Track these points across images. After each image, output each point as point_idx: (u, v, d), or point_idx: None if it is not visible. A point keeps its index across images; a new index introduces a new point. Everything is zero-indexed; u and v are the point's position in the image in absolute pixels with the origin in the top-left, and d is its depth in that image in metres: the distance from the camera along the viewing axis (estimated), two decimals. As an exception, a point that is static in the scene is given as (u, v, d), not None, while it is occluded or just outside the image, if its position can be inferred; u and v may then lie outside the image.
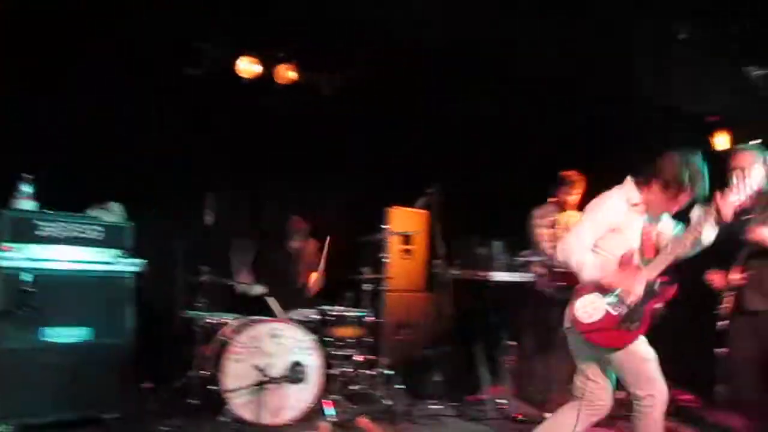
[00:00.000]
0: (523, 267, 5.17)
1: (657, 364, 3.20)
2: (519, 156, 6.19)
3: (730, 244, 3.73)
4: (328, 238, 5.67)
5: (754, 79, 3.64)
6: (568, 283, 5.01)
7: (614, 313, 3.15)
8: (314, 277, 5.70)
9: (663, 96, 5.40)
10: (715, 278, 4.06)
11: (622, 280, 3.12)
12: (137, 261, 4.53)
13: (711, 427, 4.81)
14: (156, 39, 5.33)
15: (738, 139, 5.62)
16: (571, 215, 5.46)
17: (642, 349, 3.20)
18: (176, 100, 5.62)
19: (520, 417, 4.88)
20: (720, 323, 3.96)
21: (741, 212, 3.41)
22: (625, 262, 3.14)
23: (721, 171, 3.58)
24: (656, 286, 3.15)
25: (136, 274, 4.54)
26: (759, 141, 4.81)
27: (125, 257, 4.51)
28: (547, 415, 4.73)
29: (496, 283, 5.19)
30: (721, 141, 6.01)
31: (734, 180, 3.23)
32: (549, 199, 5.33)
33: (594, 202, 3.32)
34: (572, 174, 5.25)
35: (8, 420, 3.92)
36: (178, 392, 4.78)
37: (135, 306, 4.52)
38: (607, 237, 3.20)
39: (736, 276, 3.89)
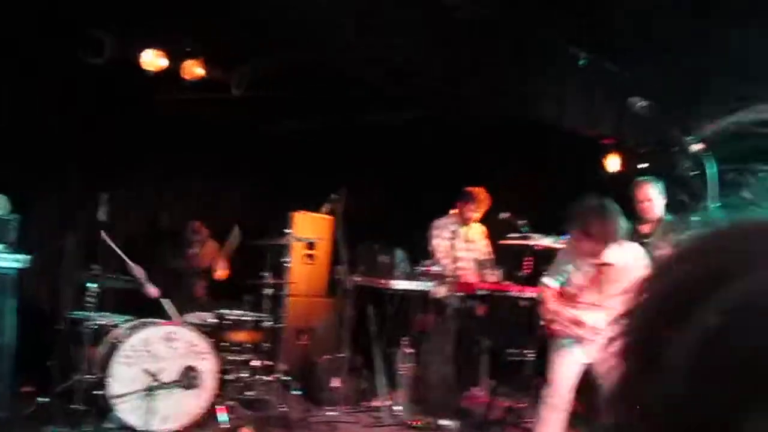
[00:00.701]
0: (423, 276, 5.27)
1: None
2: (424, 166, 6.30)
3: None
4: (236, 226, 5.58)
5: (638, 110, 3.94)
6: (464, 292, 5.20)
7: None
8: (221, 271, 5.60)
9: (559, 118, 5.66)
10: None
11: None
12: (21, 256, 4.28)
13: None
14: (54, 25, 5.07)
15: (628, 161, 5.98)
16: (471, 228, 5.63)
17: None
18: (74, 90, 5.36)
19: (416, 424, 4.96)
20: None
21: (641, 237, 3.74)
22: None
23: (613, 191, 3.83)
24: None
25: (20, 269, 4.29)
26: (646, 165, 5.17)
27: (8, 252, 4.25)
28: (442, 422, 4.87)
29: (396, 291, 5.26)
30: (613, 163, 6.34)
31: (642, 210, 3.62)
32: (450, 212, 5.47)
33: None
34: (479, 191, 5.41)
35: None
36: (61, 396, 4.55)
37: (18, 304, 4.27)
38: None
39: None
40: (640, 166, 5.29)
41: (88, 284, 4.48)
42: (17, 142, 4.99)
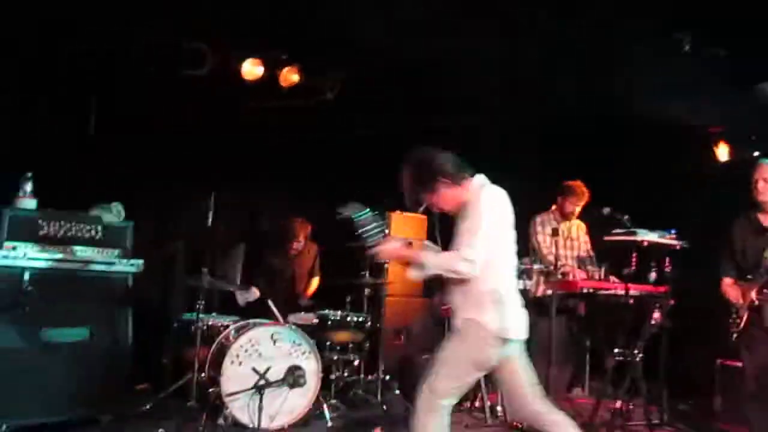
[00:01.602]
0: (523, 273, 5.16)
1: None
2: (521, 160, 6.16)
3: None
4: (316, 246, 5.71)
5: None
6: (566, 291, 5.06)
7: None
8: (315, 283, 5.71)
9: (663, 108, 5.43)
10: (730, 292, 4.09)
11: None
12: (135, 261, 4.51)
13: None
14: (157, 41, 5.33)
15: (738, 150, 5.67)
16: (572, 224, 5.48)
17: None
18: (178, 100, 5.61)
19: (519, 425, 4.86)
20: (734, 335, 4.02)
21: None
22: None
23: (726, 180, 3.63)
24: None
25: (135, 274, 4.52)
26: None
27: (124, 257, 4.49)
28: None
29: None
30: (722, 152, 6.04)
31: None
32: (553, 207, 5.33)
33: None
34: (578, 185, 5.27)
35: (5, 420, 3.88)
36: (175, 394, 4.76)
37: (133, 307, 4.50)
38: None
39: (753, 294, 3.94)
40: (755, 153, 4.99)
41: (197, 287, 4.66)
42: (127, 152, 5.27)
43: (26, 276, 4.05)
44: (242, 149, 5.98)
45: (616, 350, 4.83)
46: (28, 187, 4.26)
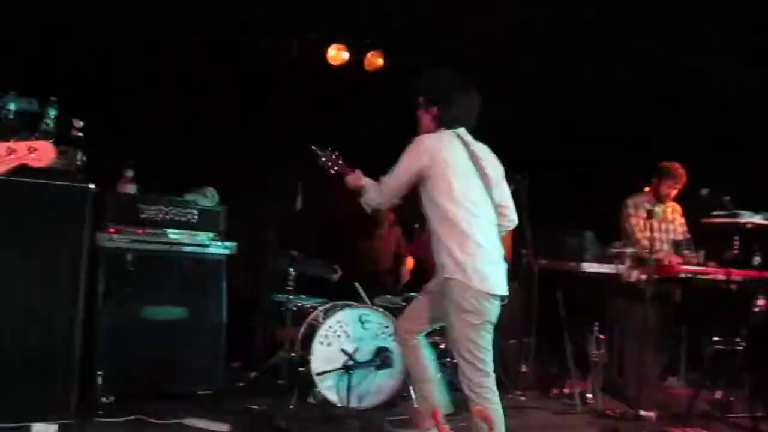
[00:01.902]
0: (616, 258, 5.00)
1: None
2: (611, 142, 5.94)
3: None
4: (399, 228, 5.71)
5: None
6: (660, 275, 4.86)
7: None
8: (409, 263, 5.72)
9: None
10: None
11: None
12: (229, 243, 4.67)
13: None
14: (243, 30, 5.46)
15: None
16: (668, 207, 5.25)
17: None
18: (267, 90, 5.73)
19: (611, 413, 4.74)
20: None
21: None
22: None
23: None
24: None
25: (228, 256, 4.68)
26: None
27: (218, 240, 4.65)
28: (642, 413, 4.60)
29: (586, 274, 5.04)
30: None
31: None
32: (645, 189, 5.13)
33: None
34: (676, 166, 5.03)
35: (112, 392, 4.11)
36: (267, 373, 4.91)
37: (227, 287, 4.65)
38: None
39: None
40: None
41: (288, 269, 4.77)
42: (220, 139, 5.43)
43: (129, 257, 4.26)
44: (328, 133, 6.03)
45: (715, 339, 4.62)
46: (129, 173, 4.47)
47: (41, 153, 1.49)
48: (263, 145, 5.67)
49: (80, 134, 3.87)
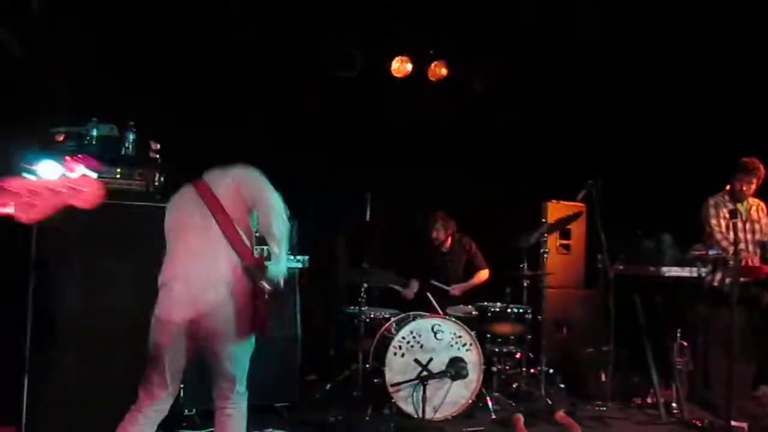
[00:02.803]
0: (697, 261, 4.80)
1: None
2: (686, 138, 5.72)
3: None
4: (469, 239, 5.70)
5: None
6: (748, 279, 4.63)
7: None
8: (484, 275, 5.67)
9: None
10: None
11: None
12: (301, 257, 4.73)
13: None
14: (310, 43, 5.56)
15: None
16: (750, 205, 5.02)
17: None
18: (332, 102, 5.82)
19: (699, 423, 4.53)
20: None
21: None
22: None
23: None
24: None
25: (300, 269, 4.74)
26: None
27: (290, 253, 4.71)
28: (734, 423, 4.38)
29: (665, 279, 4.86)
30: None
31: None
32: (728, 187, 4.92)
33: None
34: (753, 161, 4.80)
35: (194, 405, 4.23)
36: (342, 385, 4.95)
37: (300, 300, 4.72)
38: None
39: None
40: None
41: (359, 282, 4.80)
42: (291, 153, 5.53)
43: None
44: (395, 145, 6.07)
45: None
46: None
47: (87, 193, 1.48)
48: (332, 158, 5.75)
49: (157, 156, 4.03)
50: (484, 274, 5.68)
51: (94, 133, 3.94)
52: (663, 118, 5.92)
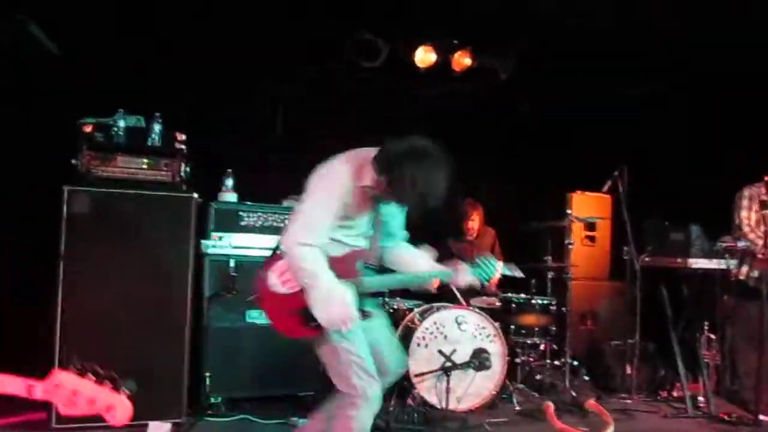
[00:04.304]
0: (726, 253, 4.72)
1: (362, 362, 2.72)
2: (718, 127, 5.59)
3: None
4: (492, 230, 5.67)
5: None
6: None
7: (304, 301, 2.65)
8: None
9: None
10: None
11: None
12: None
13: None
14: (333, 34, 5.56)
15: None
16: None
17: (342, 345, 2.72)
18: (356, 94, 5.81)
19: (727, 417, 4.47)
20: None
21: None
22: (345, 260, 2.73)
23: None
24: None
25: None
26: None
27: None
28: (762, 417, 4.32)
29: (693, 271, 4.79)
30: None
31: None
32: (766, 178, 4.80)
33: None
34: None
35: (220, 394, 4.28)
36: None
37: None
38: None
39: None
40: None
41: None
42: (312, 145, 5.52)
43: (231, 263, 4.42)
44: (418, 133, 6.03)
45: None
46: (230, 182, 4.64)
47: (119, 412, 1.54)
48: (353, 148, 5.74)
49: (183, 147, 4.07)
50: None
51: (122, 124, 3.99)
52: (695, 105, 5.80)
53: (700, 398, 4.79)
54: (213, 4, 5.08)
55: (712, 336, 5.02)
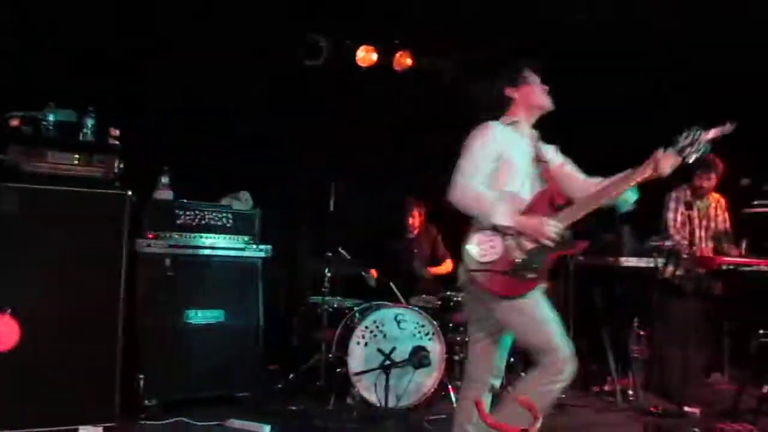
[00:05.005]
0: (655, 252, 4.91)
1: (559, 329, 2.80)
2: (651, 131, 5.77)
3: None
4: (435, 229, 5.72)
5: None
6: (703, 269, 4.75)
7: (512, 257, 2.77)
8: (448, 265, 5.69)
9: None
10: None
11: (530, 223, 2.78)
12: (264, 247, 4.70)
13: None
14: (275, 31, 5.50)
15: None
16: (709, 199, 5.14)
17: (539, 310, 2.80)
18: (298, 92, 5.77)
19: (654, 410, 4.64)
20: None
21: None
22: (536, 204, 2.85)
23: None
24: (567, 237, 2.82)
25: (263, 259, 4.71)
26: None
27: (253, 243, 4.69)
28: (687, 409, 4.51)
29: (624, 270, 4.96)
30: None
31: None
32: (694, 182, 5.01)
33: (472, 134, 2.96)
34: (711, 157, 4.92)
35: (154, 396, 4.17)
36: (305, 375, 4.94)
37: (263, 290, 4.69)
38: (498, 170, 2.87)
39: None
40: None
41: (323, 271, 4.80)
42: (253, 143, 5.48)
43: (167, 262, 4.32)
44: (361, 135, 6.04)
45: (761, 332, 4.50)
46: (165, 179, 4.54)
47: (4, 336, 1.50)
48: (296, 148, 5.71)
49: (117, 143, 3.95)
50: (449, 264, 5.72)
51: (51, 118, 3.85)
52: (695, 105, 5.90)
53: (630, 392, 4.96)
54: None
55: (642, 332, 5.20)
